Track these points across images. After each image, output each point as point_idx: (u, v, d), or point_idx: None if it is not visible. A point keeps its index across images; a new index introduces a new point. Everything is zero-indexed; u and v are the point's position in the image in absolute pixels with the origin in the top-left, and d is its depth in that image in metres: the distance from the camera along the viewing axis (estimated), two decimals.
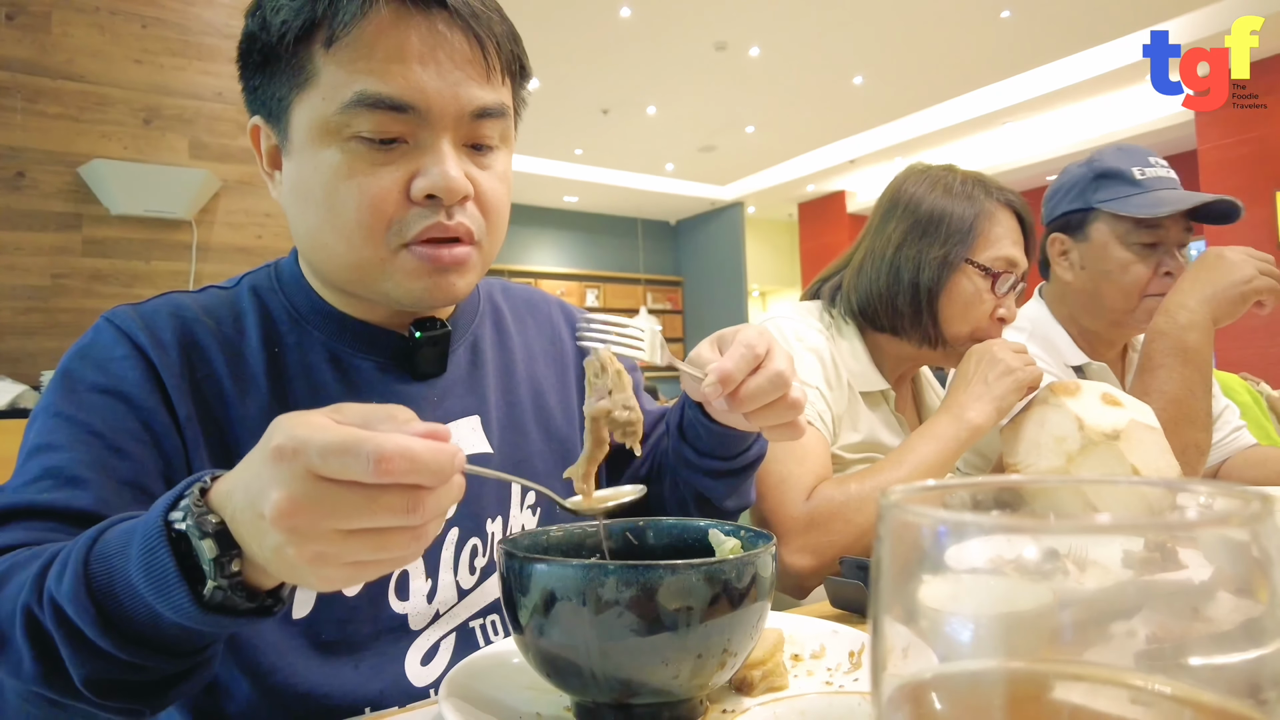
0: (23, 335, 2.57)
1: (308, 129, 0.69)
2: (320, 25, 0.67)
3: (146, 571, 0.48)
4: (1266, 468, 1.51)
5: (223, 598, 0.49)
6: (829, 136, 8.82)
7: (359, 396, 0.76)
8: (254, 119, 0.74)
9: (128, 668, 0.51)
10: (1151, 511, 0.29)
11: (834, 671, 0.63)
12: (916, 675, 0.25)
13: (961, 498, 0.29)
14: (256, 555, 0.47)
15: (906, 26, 6.14)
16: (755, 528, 0.64)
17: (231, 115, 2.92)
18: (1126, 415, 0.94)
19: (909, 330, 1.24)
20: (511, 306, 0.96)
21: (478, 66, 0.70)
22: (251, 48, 0.70)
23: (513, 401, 0.88)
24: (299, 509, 0.43)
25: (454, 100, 0.69)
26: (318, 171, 0.69)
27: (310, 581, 0.47)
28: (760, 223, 11.52)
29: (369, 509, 0.44)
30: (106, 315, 0.73)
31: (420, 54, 0.67)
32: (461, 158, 0.71)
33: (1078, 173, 1.48)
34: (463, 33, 0.69)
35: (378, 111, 0.66)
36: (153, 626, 0.50)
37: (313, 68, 0.68)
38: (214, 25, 2.88)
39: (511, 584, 0.53)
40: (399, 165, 0.69)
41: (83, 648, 0.51)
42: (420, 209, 0.70)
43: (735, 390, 0.68)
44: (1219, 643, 0.23)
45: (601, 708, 0.54)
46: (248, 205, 2.96)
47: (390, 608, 0.74)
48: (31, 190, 2.60)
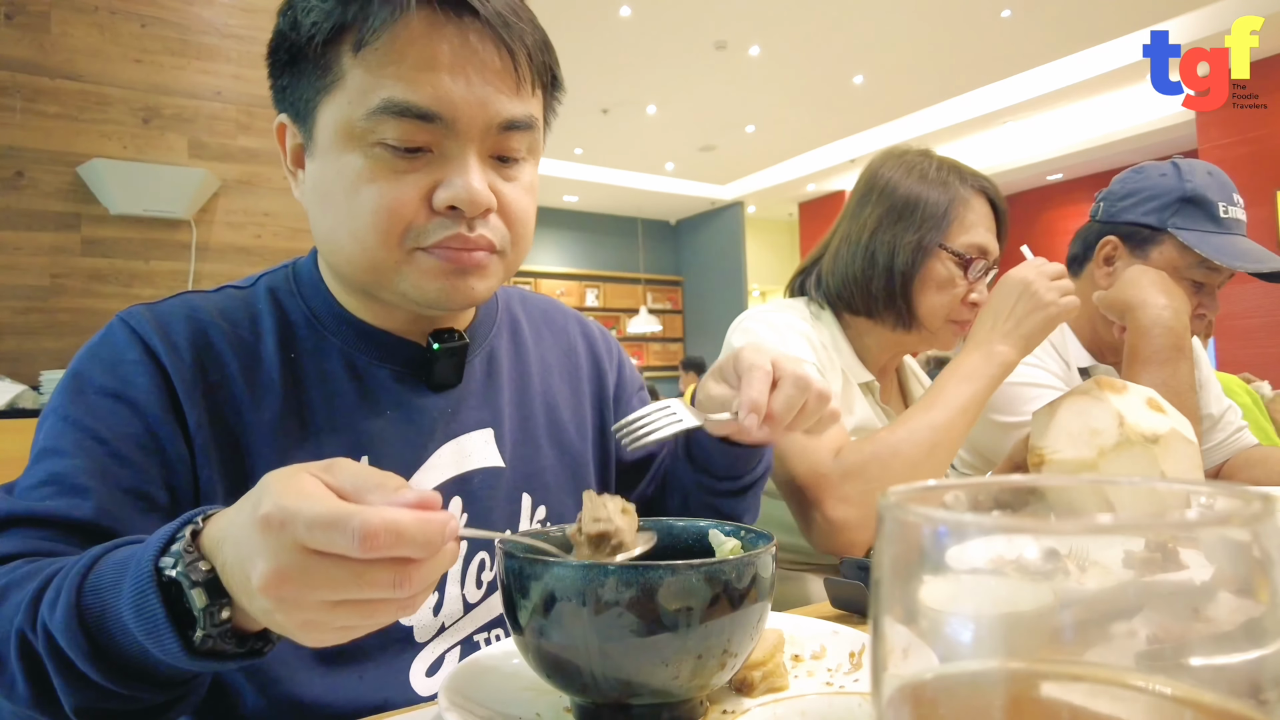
0: (21, 335, 2.57)
1: (333, 131, 0.68)
2: (350, 28, 0.66)
3: (137, 613, 0.49)
4: (1267, 468, 1.50)
5: (212, 644, 0.49)
6: (829, 136, 8.82)
7: (374, 405, 0.76)
8: (280, 117, 0.74)
9: (117, 698, 0.52)
10: (1152, 512, 0.29)
11: (834, 672, 0.63)
12: (917, 676, 0.25)
13: (961, 498, 0.29)
14: (245, 608, 0.48)
15: (907, 26, 6.13)
16: (756, 528, 0.64)
17: (231, 115, 2.91)
18: (1168, 423, 0.94)
19: (883, 313, 1.25)
20: (529, 317, 0.95)
21: (508, 78, 0.69)
22: (280, 46, 0.70)
23: (526, 415, 0.87)
24: (286, 580, 0.43)
25: (481, 112, 0.68)
26: (340, 175, 0.68)
27: (300, 639, 0.47)
28: (760, 222, 11.51)
29: (356, 583, 0.43)
30: (121, 315, 0.72)
31: (450, 63, 0.66)
32: (486, 169, 0.70)
33: (1163, 184, 1.38)
34: (494, 43, 0.68)
35: (404, 120, 0.66)
36: (142, 662, 0.51)
37: (340, 70, 0.67)
38: (213, 25, 2.88)
39: (511, 585, 0.53)
40: (422, 174, 0.68)
41: (73, 678, 0.51)
42: (441, 218, 0.69)
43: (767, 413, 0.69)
44: (1220, 643, 0.23)
45: (601, 708, 0.54)
46: (247, 205, 2.95)
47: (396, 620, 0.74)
48: (30, 190, 2.60)
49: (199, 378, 0.70)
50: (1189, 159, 1.43)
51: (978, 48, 6.60)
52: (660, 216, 11.82)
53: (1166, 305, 1.26)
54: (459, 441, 0.80)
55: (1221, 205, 1.34)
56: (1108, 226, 1.44)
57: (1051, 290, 1.11)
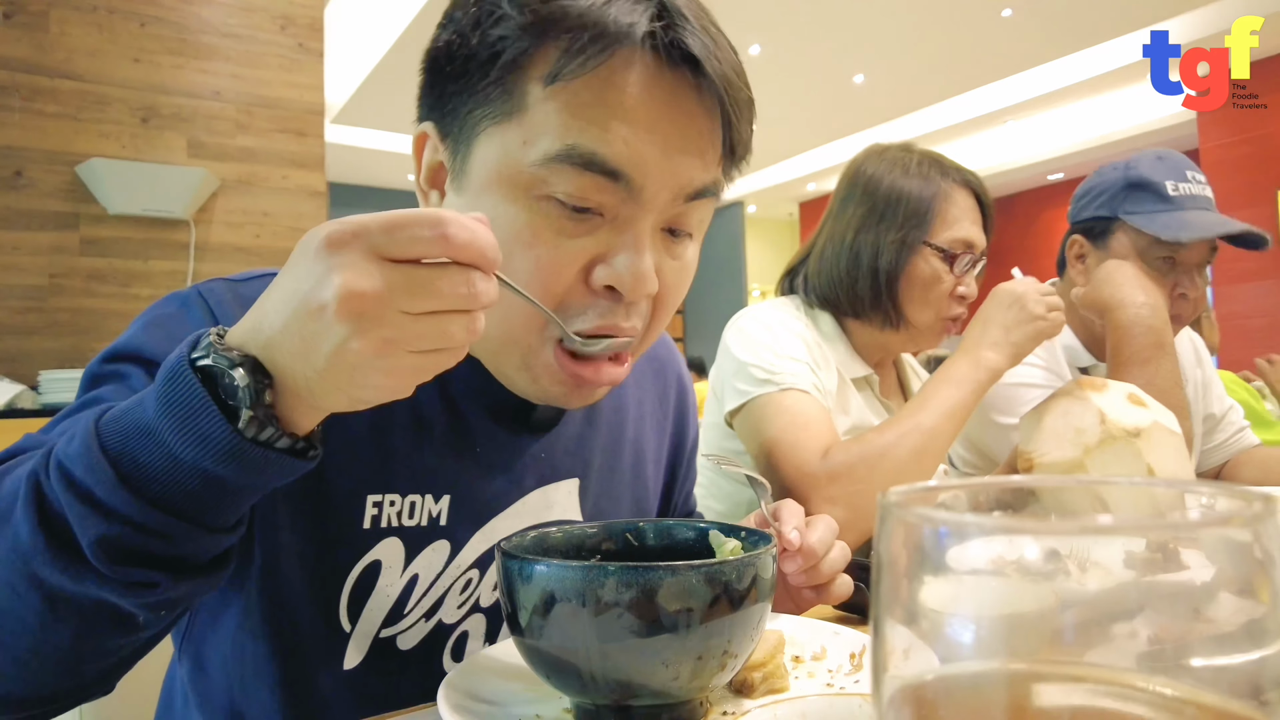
0: (20, 335, 2.57)
1: (496, 169, 0.59)
2: (545, 54, 0.56)
3: (169, 407, 0.44)
4: (1269, 468, 1.51)
5: (257, 429, 0.44)
6: (829, 136, 8.82)
7: (466, 441, 0.70)
8: (424, 125, 0.64)
9: (141, 531, 0.44)
10: (1153, 512, 0.29)
11: (835, 673, 0.63)
12: (918, 677, 0.25)
13: (962, 498, 0.29)
14: (301, 374, 0.44)
15: (907, 25, 6.14)
16: (756, 529, 0.63)
17: (230, 114, 2.92)
18: (1150, 416, 0.94)
19: (870, 313, 1.25)
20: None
21: (712, 146, 0.61)
22: (449, 52, 0.60)
23: (614, 466, 0.82)
24: (363, 293, 0.41)
25: (674, 180, 0.59)
26: (495, 226, 0.58)
27: (371, 381, 0.44)
28: (761, 222, 11.52)
29: (433, 287, 0.43)
30: (200, 288, 0.64)
31: (654, 119, 0.57)
32: (657, 246, 0.62)
33: (1111, 177, 1.43)
34: (711, 106, 0.59)
35: (585, 173, 0.57)
36: (172, 476, 0.44)
37: (521, 101, 0.57)
38: (212, 24, 2.88)
39: (511, 585, 0.53)
40: (588, 240, 0.59)
41: (94, 508, 0.44)
42: (598, 300, 0.61)
43: (815, 565, 0.69)
44: (1221, 644, 0.23)
45: (601, 709, 0.54)
46: (246, 204, 2.95)
47: (443, 666, 0.68)
48: (29, 189, 2.60)
49: None
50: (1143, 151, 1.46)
51: (978, 48, 6.60)
52: None
53: (1145, 303, 1.26)
54: (544, 491, 0.75)
55: (1170, 184, 1.36)
56: (1075, 227, 1.49)
57: (1040, 304, 1.12)
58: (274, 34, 3.03)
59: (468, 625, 0.70)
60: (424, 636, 0.68)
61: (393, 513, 0.66)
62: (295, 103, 3.05)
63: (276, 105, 3.02)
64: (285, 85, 3.03)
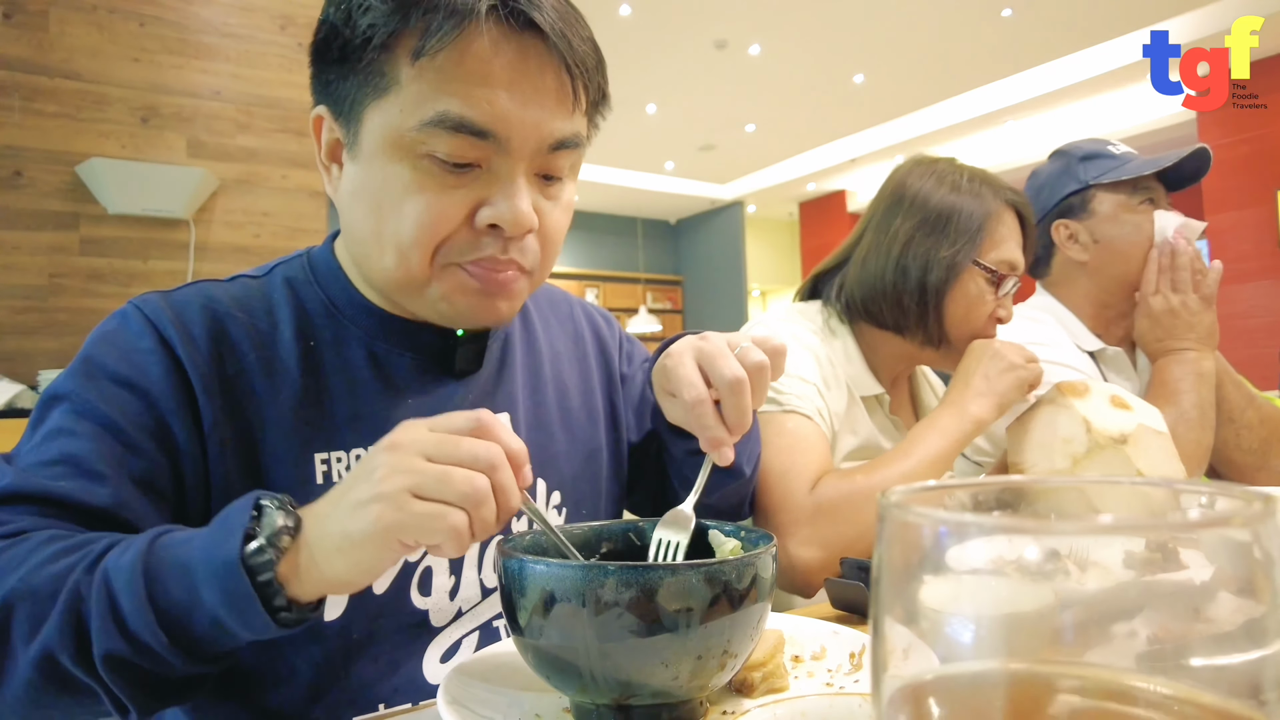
0: (20, 335, 2.57)
1: (380, 138, 0.66)
2: (409, 35, 0.64)
3: (224, 598, 0.52)
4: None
5: (260, 556, 0.52)
6: (829, 135, 8.82)
7: (395, 393, 0.76)
8: (318, 109, 0.72)
9: (145, 653, 0.53)
10: (1153, 512, 0.29)
11: (834, 673, 0.63)
12: (917, 676, 0.25)
13: (962, 498, 0.29)
14: (332, 521, 0.53)
15: (907, 25, 6.13)
16: (756, 528, 0.63)
17: (230, 114, 2.91)
18: (1135, 419, 0.94)
19: (913, 328, 1.23)
20: (537, 305, 0.96)
21: (564, 99, 0.68)
22: (330, 41, 0.68)
23: (539, 401, 0.88)
24: (404, 454, 0.52)
25: (535, 132, 0.67)
26: (385, 183, 0.67)
27: (385, 513, 0.51)
28: (761, 222, 11.51)
29: (452, 463, 0.52)
30: (135, 302, 0.72)
31: (509, 80, 0.65)
32: (531, 189, 0.70)
33: (1058, 163, 1.53)
34: (555, 63, 0.67)
35: (457, 135, 0.65)
36: (187, 615, 0.53)
37: (394, 77, 0.65)
38: (212, 24, 2.88)
39: (510, 585, 0.53)
40: (469, 190, 0.67)
41: (115, 622, 0.53)
42: (481, 236, 0.69)
43: (730, 433, 0.69)
44: (1220, 643, 0.23)
45: (601, 709, 0.54)
46: (245, 204, 2.95)
47: (412, 603, 0.74)
48: (29, 189, 2.60)
49: (216, 370, 0.69)
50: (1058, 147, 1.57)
51: (978, 47, 6.60)
52: (660, 216, 11.81)
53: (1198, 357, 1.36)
54: None
55: (1110, 148, 1.49)
56: (1049, 216, 1.54)
57: (1019, 354, 1.13)
58: (274, 34, 3.03)
59: (429, 561, 0.76)
60: (394, 577, 0.73)
61: (340, 467, 0.73)
62: (295, 103, 3.05)
63: (276, 105, 3.02)
64: (285, 85, 3.03)
